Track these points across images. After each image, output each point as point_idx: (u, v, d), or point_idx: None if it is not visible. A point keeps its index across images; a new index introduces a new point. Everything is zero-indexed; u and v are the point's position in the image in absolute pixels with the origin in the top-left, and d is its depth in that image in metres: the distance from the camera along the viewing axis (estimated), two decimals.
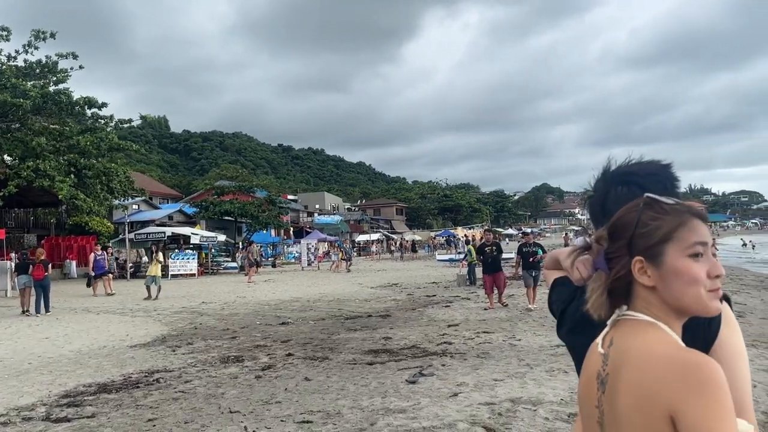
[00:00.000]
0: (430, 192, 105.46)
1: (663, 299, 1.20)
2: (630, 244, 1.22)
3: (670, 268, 1.19)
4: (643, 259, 1.20)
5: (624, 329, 1.23)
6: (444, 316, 13.08)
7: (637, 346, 1.17)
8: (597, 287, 1.26)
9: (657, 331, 1.18)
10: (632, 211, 1.25)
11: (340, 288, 21.63)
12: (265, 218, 42.60)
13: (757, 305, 14.26)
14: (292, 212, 61.17)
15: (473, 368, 7.54)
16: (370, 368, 7.89)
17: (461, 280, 21.03)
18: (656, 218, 1.21)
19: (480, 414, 5.48)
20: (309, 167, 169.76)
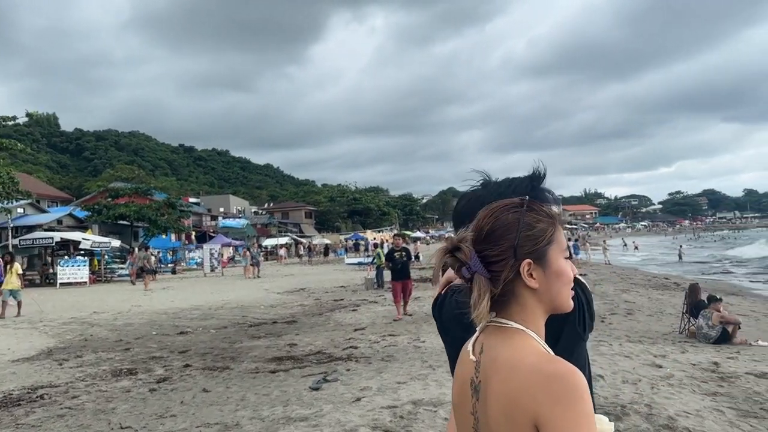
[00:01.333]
0: (340, 195, 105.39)
1: (541, 300, 1.21)
2: (515, 246, 1.19)
3: (554, 269, 1.22)
4: (532, 261, 1.19)
5: (493, 336, 1.22)
6: (351, 320, 13.02)
7: (505, 355, 1.17)
8: (482, 294, 1.19)
9: (524, 339, 1.18)
10: (511, 211, 1.22)
11: (245, 294, 21.08)
12: (164, 222, 40.84)
13: (645, 303, 15.22)
14: (194, 216, 59.17)
15: (377, 372, 7.51)
16: (273, 376, 7.69)
17: (369, 284, 21.08)
18: (539, 220, 1.22)
19: (382, 418, 5.43)
20: (213, 169, 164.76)
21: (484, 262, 1.19)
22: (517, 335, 1.18)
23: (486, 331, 1.24)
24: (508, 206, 1.23)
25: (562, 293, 1.23)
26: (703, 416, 5.24)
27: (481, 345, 1.23)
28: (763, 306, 15.57)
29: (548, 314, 1.24)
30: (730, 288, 20.96)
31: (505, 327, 1.20)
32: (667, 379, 6.51)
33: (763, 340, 9.62)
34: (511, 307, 1.21)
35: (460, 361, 1.29)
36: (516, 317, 1.21)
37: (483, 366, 1.20)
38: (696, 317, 10.06)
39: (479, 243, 1.21)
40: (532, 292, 1.20)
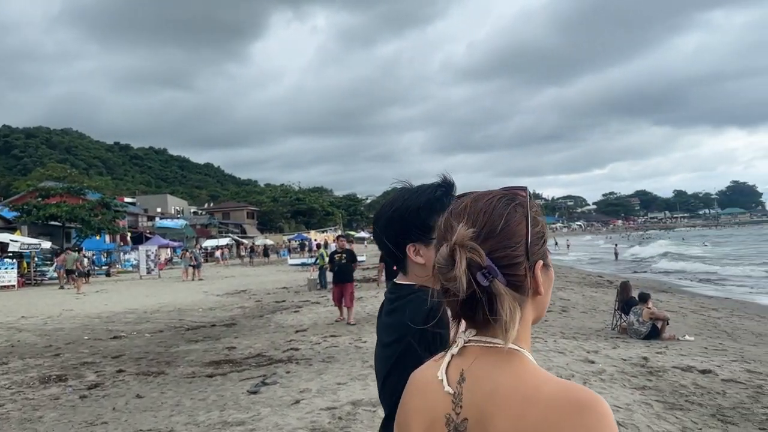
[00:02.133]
0: (283, 195, 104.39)
1: (536, 309, 1.02)
2: (528, 245, 0.97)
3: (552, 271, 1.05)
4: (542, 263, 1.00)
5: (479, 361, 0.97)
6: (292, 321, 12.89)
7: (509, 385, 0.93)
8: (513, 308, 0.93)
9: (523, 363, 0.95)
10: (514, 203, 1.00)
11: (183, 297, 20.57)
12: (97, 223, 39.38)
13: (579, 300, 15.68)
14: (129, 216, 57.32)
15: (318, 373, 7.45)
16: (210, 381, 7.53)
17: (312, 285, 20.93)
18: (539, 213, 1.03)
19: (320, 420, 5.40)
20: (150, 168, 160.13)
21: (497, 266, 0.95)
22: (515, 358, 0.95)
23: (465, 353, 0.99)
24: (509, 198, 1.01)
25: (548, 300, 1.05)
26: (633, 410, 5.43)
27: (461, 372, 0.97)
28: (690, 302, 16.32)
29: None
30: (659, 285, 21.87)
31: (494, 347, 0.96)
32: (599, 375, 6.72)
33: (689, 335, 10.07)
34: (500, 321, 0.96)
35: (419, 392, 1.04)
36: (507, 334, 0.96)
37: (470, 400, 0.95)
38: (627, 314, 10.44)
39: (486, 241, 0.95)
40: (532, 300, 1.00)
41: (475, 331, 0.99)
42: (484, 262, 0.93)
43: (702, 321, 12.40)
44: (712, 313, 13.90)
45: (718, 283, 24.15)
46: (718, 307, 15.41)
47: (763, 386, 6.35)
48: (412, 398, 1.04)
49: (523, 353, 0.96)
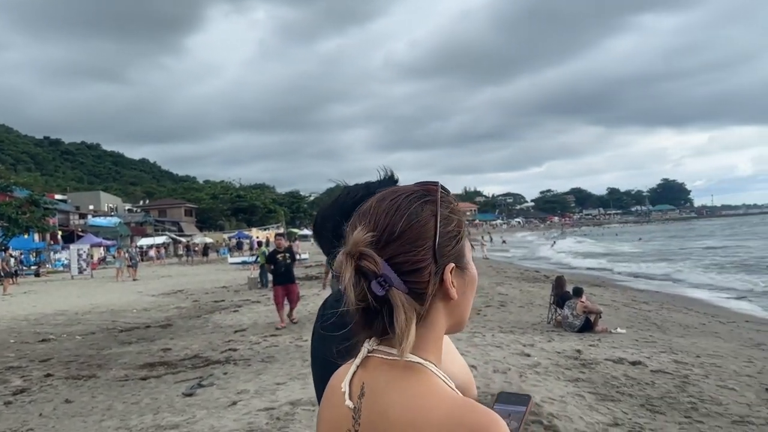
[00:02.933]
0: (223, 192, 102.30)
1: (451, 316, 0.94)
2: (436, 247, 0.88)
3: (470, 273, 0.96)
4: (454, 265, 0.91)
5: (380, 374, 0.89)
6: (231, 321, 12.66)
7: (401, 406, 0.85)
8: (408, 318, 0.85)
9: (421, 380, 0.87)
10: (423, 201, 0.91)
11: (116, 297, 19.89)
12: (25, 221, 37.67)
13: (517, 295, 16.02)
14: (60, 214, 54.99)
15: (256, 374, 7.33)
16: (144, 383, 7.31)
17: (252, 283, 20.62)
18: (454, 211, 0.94)
19: (258, 421, 5.30)
20: (82, 163, 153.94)
21: (400, 272, 0.87)
22: (413, 374, 0.87)
23: (369, 364, 0.91)
24: (417, 196, 0.91)
25: (470, 306, 0.96)
26: (566, 401, 5.57)
27: (362, 385, 0.90)
28: (622, 296, 16.93)
29: (446, 333, 0.96)
30: (593, 279, 22.61)
31: (398, 361, 0.87)
32: (534, 368, 6.88)
33: (621, 327, 10.43)
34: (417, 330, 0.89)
35: (328, 401, 0.98)
36: (416, 345, 0.87)
37: (366, 418, 0.89)
38: (562, 308, 10.73)
39: (387, 245, 0.87)
40: (444, 306, 0.91)
41: (378, 340, 0.91)
42: (379, 269, 0.85)
43: (633, 314, 12.87)
44: (643, 306, 14.46)
45: (641, 277, 25.22)
46: (648, 300, 16.05)
47: (689, 376, 6.64)
48: (323, 408, 0.99)
49: (426, 367, 0.88)
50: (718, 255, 37.50)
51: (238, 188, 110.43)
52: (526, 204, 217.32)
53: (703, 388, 6.16)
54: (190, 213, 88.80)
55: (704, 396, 5.85)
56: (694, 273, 26.42)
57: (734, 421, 5.15)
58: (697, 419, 5.19)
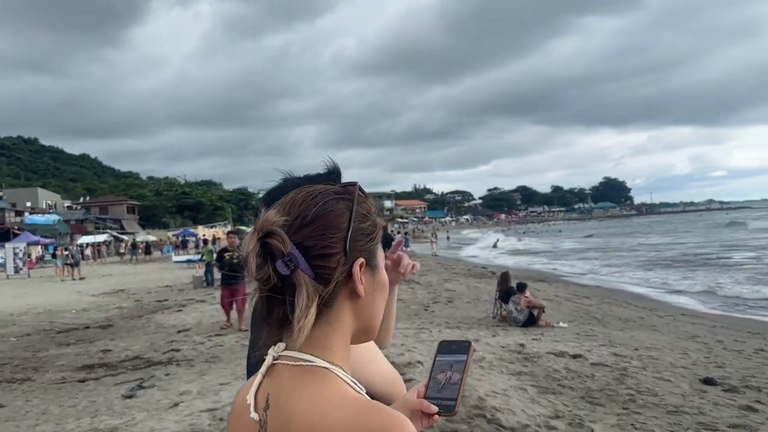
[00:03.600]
0: (167, 189, 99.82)
1: (358, 317, 0.91)
2: (348, 239, 0.88)
3: (381, 276, 0.94)
4: (365, 261, 0.90)
5: (283, 382, 0.86)
6: (174, 321, 12.36)
7: (304, 412, 0.82)
8: (310, 299, 0.84)
9: (324, 384, 0.84)
10: (340, 198, 0.91)
11: (54, 298, 19.14)
12: None
13: (464, 291, 16.25)
14: None
15: (200, 374, 7.18)
16: (82, 386, 7.07)
17: (198, 282, 20.19)
18: (372, 211, 0.94)
19: (200, 422, 5.19)
20: (18, 159, 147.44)
21: (308, 256, 0.86)
22: (320, 378, 0.84)
23: (274, 373, 0.88)
24: (334, 191, 0.92)
25: (379, 313, 0.94)
26: (509, 395, 5.67)
27: (267, 396, 0.87)
28: (565, 291, 17.38)
29: (355, 341, 0.93)
30: (537, 275, 23.11)
31: (302, 367, 0.85)
32: (479, 362, 6.97)
33: (563, 321, 10.70)
34: (316, 328, 0.86)
35: (235, 415, 0.93)
36: (318, 343, 0.86)
37: (272, 430, 0.85)
38: (507, 303, 10.93)
39: (299, 230, 0.86)
40: (351, 304, 0.89)
41: (284, 345, 0.89)
42: (287, 248, 0.84)
43: (575, 308, 13.23)
44: (585, 300, 14.88)
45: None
46: (589, 295, 16.53)
47: (628, 368, 6.86)
48: (231, 423, 0.95)
49: (332, 371, 0.85)
50: (657, 251, 38.97)
51: (183, 185, 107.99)
52: (475, 201, 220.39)
53: (640, 379, 6.37)
54: (133, 210, 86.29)
55: (641, 387, 6.05)
56: (633, 268, 27.38)
57: (669, 411, 5.34)
58: (634, 410, 5.36)
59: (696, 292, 18.19)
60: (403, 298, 14.18)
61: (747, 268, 24.89)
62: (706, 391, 6.02)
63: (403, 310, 12.61)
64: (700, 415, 5.25)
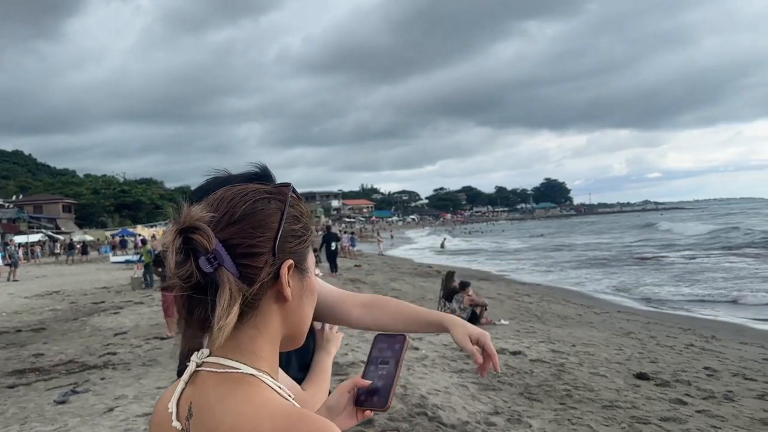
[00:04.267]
0: (105, 187, 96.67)
1: (286, 322, 0.88)
2: (277, 239, 0.85)
3: (310, 281, 0.91)
4: (294, 264, 0.87)
5: (207, 390, 0.82)
6: (111, 324, 11.96)
7: (229, 422, 0.78)
8: (233, 299, 0.80)
9: (255, 392, 0.80)
10: (271, 197, 0.88)
11: None
12: None
13: (410, 290, 16.36)
14: None
15: (136, 378, 6.98)
16: (11, 392, 6.75)
17: (136, 283, 19.61)
18: (303, 214, 0.91)
19: (136, 427, 5.04)
20: None
21: (234, 254, 0.82)
22: (246, 386, 0.81)
23: (197, 380, 0.84)
24: (266, 191, 0.89)
25: (308, 319, 0.91)
26: (451, 392, 5.74)
27: (189, 404, 0.83)
28: (507, 289, 17.73)
29: (282, 348, 0.90)
30: (480, 274, 23.52)
31: (229, 374, 0.82)
32: (422, 360, 7.03)
33: (505, 319, 10.92)
34: (242, 332, 0.83)
35: (156, 424, 0.89)
36: (246, 348, 0.83)
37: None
38: (451, 301, 11.08)
39: (226, 227, 0.83)
40: (279, 308, 0.86)
41: (208, 351, 0.85)
42: (211, 245, 0.80)
43: (516, 306, 13.51)
44: (525, 298, 15.22)
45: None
46: (530, 293, 16.92)
47: (565, 364, 7.05)
48: (151, 431, 0.91)
49: (259, 378, 0.82)
50: (596, 249, 40.23)
51: (123, 183, 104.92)
52: (421, 201, 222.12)
53: (577, 375, 6.56)
54: (69, 209, 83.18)
55: (578, 383, 6.23)
56: (572, 266, 28.19)
57: (604, 405, 5.52)
58: (571, 405, 5.51)
59: (630, 290, 18.88)
60: None
61: (669, 268, 25.94)
62: (640, 386, 6.24)
63: None
64: (633, 409, 5.44)
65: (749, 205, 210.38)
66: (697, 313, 13.82)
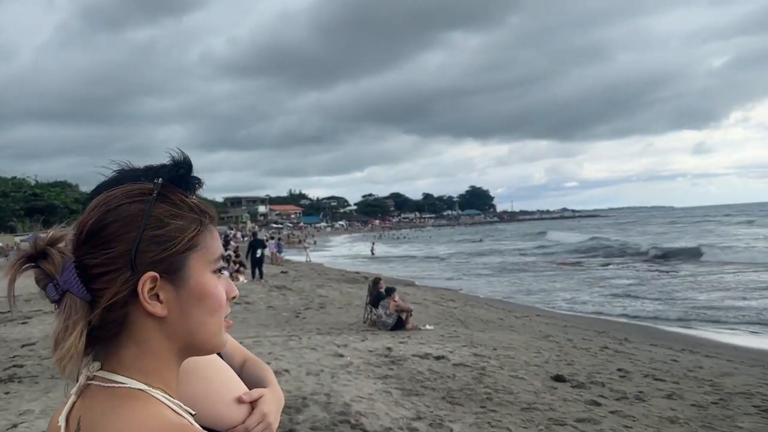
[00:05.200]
0: (15, 190, 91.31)
1: (173, 336, 0.83)
2: (134, 252, 0.79)
3: (195, 287, 0.84)
4: (158, 275, 0.80)
5: (95, 405, 0.79)
6: (18, 334, 11.26)
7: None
8: (70, 325, 0.77)
9: (142, 407, 0.78)
10: (134, 200, 0.82)
11: None
12: None
13: (337, 297, 16.26)
14: None
15: (44, 392, 6.58)
16: None
17: None
18: (177, 215, 0.83)
19: None
20: None
21: (85, 276, 0.79)
22: (133, 400, 0.78)
23: (87, 394, 0.81)
24: (131, 193, 0.83)
25: (207, 325, 0.85)
26: (374, 399, 5.72)
27: (78, 419, 0.80)
28: (432, 294, 17.95)
29: (185, 357, 0.87)
30: (407, 279, 23.74)
31: (115, 389, 0.79)
32: (347, 367, 6.99)
33: (430, 324, 11.03)
34: (124, 350, 0.80)
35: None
36: (132, 366, 0.80)
37: None
38: (377, 307, 11.09)
39: (82, 245, 0.80)
40: (158, 323, 0.81)
41: (98, 364, 0.82)
42: (57, 270, 0.78)
43: (441, 311, 13.70)
44: (450, 303, 15.46)
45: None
46: (455, 298, 17.22)
47: (486, 368, 7.19)
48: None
49: (150, 394, 0.79)
50: (520, 255, 41.51)
51: (34, 185, 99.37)
52: (350, 207, 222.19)
53: (497, 378, 6.70)
54: None
55: (498, 386, 6.36)
56: (494, 272, 28.96)
57: (523, 408, 5.66)
58: (491, 408, 5.61)
59: (549, 294, 19.57)
60: (274, 305, 13.97)
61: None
62: (557, 388, 6.45)
63: (273, 318, 12.41)
64: (550, 410, 5.60)
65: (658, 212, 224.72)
66: (609, 317, 14.49)
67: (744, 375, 7.76)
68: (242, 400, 1.15)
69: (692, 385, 6.88)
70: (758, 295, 16.71)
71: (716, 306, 15.19)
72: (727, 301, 15.96)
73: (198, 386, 1.14)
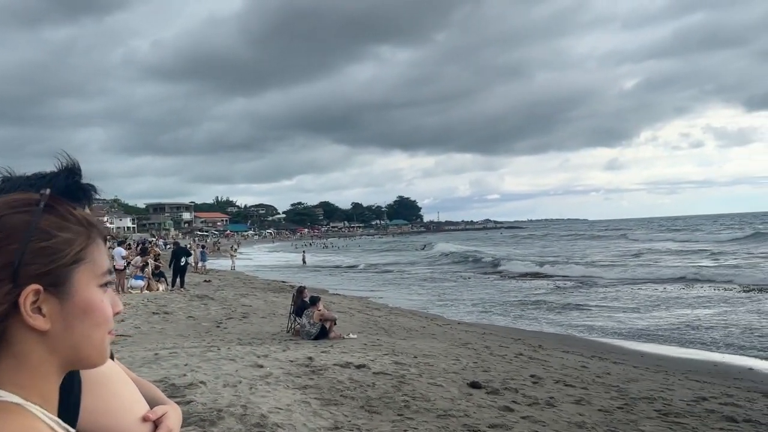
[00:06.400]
0: None
1: (55, 350, 0.82)
2: (17, 264, 0.77)
3: (80, 301, 0.82)
4: (42, 288, 0.79)
5: None
6: None
7: None
8: None
9: (16, 421, 0.76)
10: (19, 211, 0.80)
11: None
12: None
13: (261, 306, 16.05)
14: None
15: None
16: None
17: None
18: (64, 227, 0.82)
19: None
20: None
21: None
22: (6, 413, 0.76)
23: None
24: (16, 203, 0.81)
25: (91, 339, 0.84)
26: (292, 410, 5.69)
27: None
28: (358, 303, 18.02)
29: (66, 371, 0.85)
30: (333, 288, 23.71)
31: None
32: (266, 378, 6.91)
33: (354, 333, 11.07)
34: (1, 363, 0.79)
35: None
36: (8, 380, 0.79)
37: None
38: (301, 316, 11.03)
39: None
40: (39, 337, 0.80)
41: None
42: None
43: (365, 320, 13.77)
44: (375, 312, 15.57)
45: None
46: (380, 306, 17.34)
47: (406, 376, 7.28)
48: None
49: (25, 408, 0.77)
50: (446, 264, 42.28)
51: None
52: (279, 216, 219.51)
53: (416, 386, 6.80)
54: None
55: (416, 394, 6.46)
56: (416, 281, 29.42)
57: (439, 415, 5.77)
58: (408, 416, 5.69)
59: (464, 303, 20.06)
60: (194, 315, 13.64)
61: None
62: (472, 395, 6.61)
63: (193, 328, 12.11)
64: (465, 417, 5.74)
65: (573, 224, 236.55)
66: (521, 325, 15.02)
67: (648, 380, 8.23)
68: (148, 417, 1.15)
69: (600, 391, 7.22)
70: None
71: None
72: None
73: (106, 401, 1.12)
